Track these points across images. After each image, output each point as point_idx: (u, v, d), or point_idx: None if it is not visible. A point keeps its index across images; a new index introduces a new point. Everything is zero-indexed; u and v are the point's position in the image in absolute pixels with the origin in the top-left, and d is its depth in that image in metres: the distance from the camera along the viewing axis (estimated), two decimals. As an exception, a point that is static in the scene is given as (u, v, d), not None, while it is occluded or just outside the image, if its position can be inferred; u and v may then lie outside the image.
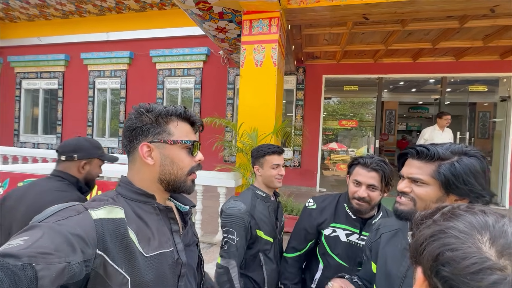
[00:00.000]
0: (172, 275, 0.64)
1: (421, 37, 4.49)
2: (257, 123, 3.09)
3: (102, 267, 0.53)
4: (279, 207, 1.43)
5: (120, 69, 7.21)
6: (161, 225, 0.67)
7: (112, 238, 0.55)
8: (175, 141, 0.68)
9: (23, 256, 0.40)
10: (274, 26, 3.11)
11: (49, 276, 0.42)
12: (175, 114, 0.69)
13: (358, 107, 8.89)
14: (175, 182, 0.69)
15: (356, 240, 1.20)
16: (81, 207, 0.56)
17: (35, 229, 0.47)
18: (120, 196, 0.65)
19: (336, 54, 5.47)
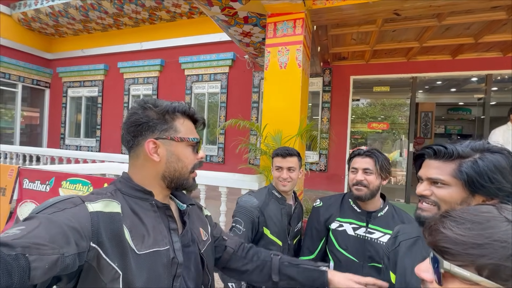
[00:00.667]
0: (166, 274, 0.62)
1: (460, 31, 4.13)
2: (281, 126, 3.06)
3: (95, 260, 0.53)
4: (294, 212, 1.39)
5: (152, 76, 7.64)
6: (158, 222, 0.66)
7: (106, 232, 0.55)
8: (182, 139, 0.68)
9: (17, 246, 0.40)
10: (299, 27, 3.07)
11: (42, 267, 0.42)
12: (181, 111, 0.69)
13: (390, 109, 8.42)
14: (179, 179, 0.69)
15: (364, 234, 1.20)
16: (78, 200, 0.56)
17: (32, 220, 0.47)
18: (119, 192, 0.64)
19: (365, 54, 5.24)
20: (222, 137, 6.79)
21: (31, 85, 8.90)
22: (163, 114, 0.67)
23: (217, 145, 6.89)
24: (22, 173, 4.00)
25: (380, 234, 1.17)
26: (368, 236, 1.19)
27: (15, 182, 4.04)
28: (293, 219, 1.37)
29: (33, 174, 3.94)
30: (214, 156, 6.91)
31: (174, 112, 0.68)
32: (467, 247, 0.34)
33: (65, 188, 3.73)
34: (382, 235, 1.16)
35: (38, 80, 9.07)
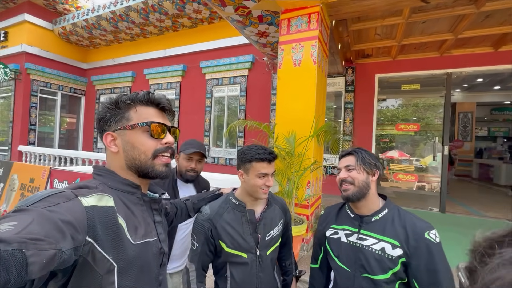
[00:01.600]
0: (155, 263, 0.67)
1: (504, 18, 3.64)
2: (295, 126, 2.89)
3: (90, 254, 0.54)
4: (263, 218, 1.18)
5: (175, 81, 7.87)
6: (146, 215, 0.69)
7: (101, 226, 0.56)
8: (133, 126, 0.67)
9: (13, 241, 0.39)
10: (314, 22, 2.90)
11: (39, 262, 0.41)
12: (135, 99, 0.69)
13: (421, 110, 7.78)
14: (142, 167, 0.68)
15: (356, 240, 1.07)
16: (71, 194, 0.55)
17: (24, 214, 0.46)
18: (105, 186, 0.65)
19: (391, 50, 4.88)
20: (242, 140, 6.74)
21: (69, 93, 9.66)
22: (115, 105, 0.68)
23: (237, 148, 6.85)
24: (53, 174, 4.26)
25: (373, 240, 1.02)
26: (360, 243, 1.05)
27: (46, 182, 4.31)
28: (262, 227, 1.17)
29: (62, 174, 4.17)
30: (234, 159, 6.87)
31: (125, 101, 0.68)
32: None
33: (88, 188, 3.85)
34: (376, 242, 1.01)
35: (75, 88, 9.82)
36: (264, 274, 1.18)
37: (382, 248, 0.99)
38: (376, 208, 1.08)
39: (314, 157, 2.92)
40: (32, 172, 4.41)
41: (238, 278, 1.13)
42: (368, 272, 1.00)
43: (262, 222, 1.18)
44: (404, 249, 0.96)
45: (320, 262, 1.24)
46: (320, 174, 3.34)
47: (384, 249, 0.98)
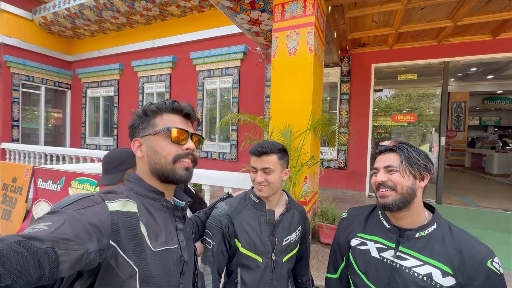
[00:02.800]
0: (175, 271, 0.68)
1: (505, 4, 3.51)
2: (291, 119, 2.74)
3: (113, 258, 0.55)
4: (282, 221, 1.09)
5: (165, 73, 7.57)
6: (168, 222, 0.71)
7: (125, 231, 0.57)
8: (156, 132, 0.70)
9: (47, 240, 0.42)
10: (310, 7, 2.71)
11: (69, 261, 0.44)
12: (161, 107, 0.72)
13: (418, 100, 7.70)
14: (163, 172, 0.70)
15: (391, 258, 0.87)
16: (98, 198, 0.58)
17: (57, 215, 0.50)
18: (132, 191, 0.67)
19: (388, 38, 4.72)
20: (235, 133, 6.56)
21: (53, 87, 9.23)
22: (144, 114, 0.72)
23: (230, 142, 6.68)
24: (36, 172, 4.02)
25: (416, 262, 0.83)
26: (398, 262, 0.85)
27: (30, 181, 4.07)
28: (280, 230, 1.08)
29: (46, 173, 3.94)
30: (227, 153, 6.71)
31: (152, 109, 0.72)
32: None
33: (74, 187, 3.67)
34: (420, 265, 0.82)
35: (60, 82, 9.39)
36: (278, 283, 1.08)
37: (429, 273, 0.80)
38: (422, 221, 0.88)
39: (311, 152, 2.78)
40: (14, 171, 4.17)
41: (250, 284, 1.04)
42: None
43: (280, 225, 1.09)
44: (458, 279, 0.77)
45: (340, 273, 1.05)
46: (317, 169, 3.21)
47: (431, 275, 0.80)
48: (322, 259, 2.60)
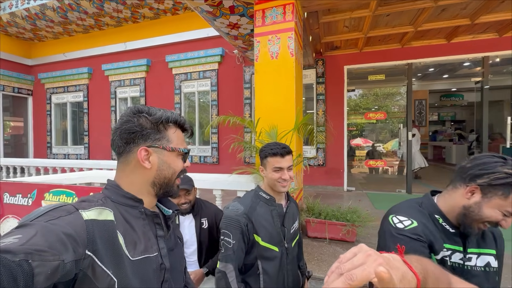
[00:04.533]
0: (156, 279, 0.66)
1: (457, 12, 3.97)
2: (276, 120, 2.85)
3: (90, 268, 0.53)
4: (287, 212, 1.26)
5: (139, 77, 7.34)
6: (147, 230, 0.68)
7: (101, 240, 0.56)
8: (174, 149, 0.70)
9: (19, 252, 0.41)
10: (289, 13, 2.85)
11: (45, 273, 0.43)
12: (174, 121, 0.72)
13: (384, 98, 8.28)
14: (167, 186, 0.71)
15: (460, 261, 0.87)
16: (71, 208, 0.56)
17: (28, 228, 0.47)
18: (109, 199, 0.65)
19: (358, 42, 5.06)
20: (216, 136, 6.56)
21: (12, 93, 8.48)
22: (157, 123, 0.69)
23: (211, 145, 6.66)
24: (1, 187, 3.71)
25: (475, 256, 0.88)
26: (468, 264, 0.87)
27: (-5, 197, 3.74)
28: (287, 220, 1.25)
29: (13, 187, 3.64)
30: (208, 156, 6.67)
31: (168, 122, 0.70)
32: None
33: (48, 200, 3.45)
34: (477, 257, 0.88)
35: (20, 88, 8.65)
36: (291, 267, 1.24)
37: (487, 263, 0.85)
38: None
39: (297, 151, 2.92)
40: (-26, 187, 3.80)
41: (271, 272, 1.16)
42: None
43: (287, 216, 1.25)
44: (498, 255, 0.86)
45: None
46: (301, 167, 3.36)
47: (490, 263, 0.84)
48: (311, 251, 2.75)
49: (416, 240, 0.86)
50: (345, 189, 5.63)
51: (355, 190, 5.58)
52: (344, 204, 3.49)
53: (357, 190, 5.57)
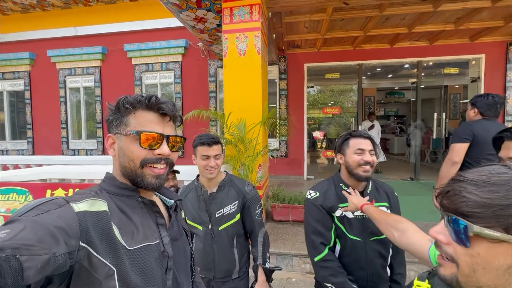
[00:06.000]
0: (159, 267, 0.65)
1: (397, 22, 4.59)
2: (244, 114, 3.04)
3: (86, 259, 0.53)
4: (216, 198, 1.40)
5: (93, 66, 6.81)
6: (146, 218, 0.67)
7: (95, 231, 0.55)
8: (126, 133, 0.65)
9: (6, 248, 0.40)
10: (256, 14, 3.03)
11: (35, 267, 0.42)
12: (135, 102, 0.65)
13: (339, 95, 9.03)
14: (132, 176, 0.66)
15: (360, 213, 1.21)
16: (62, 201, 0.55)
17: (16, 223, 0.46)
18: (104, 191, 0.65)
19: (317, 42, 5.48)
20: (179, 129, 6.48)
21: None
22: (117, 108, 0.66)
23: (175, 138, 6.56)
24: None
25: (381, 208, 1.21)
26: (365, 215, 1.18)
27: None
28: (213, 205, 1.40)
29: None
30: (173, 150, 6.58)
31: (126, 104, 0.65)
32: (495, 209, 0.35)
33: (-6, 199, 3.19)
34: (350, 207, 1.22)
35: None
36: (218, 246, 1.41)
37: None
38: (366, 182, 1.28)
39: (263, 142, 3.17)
40: None
41: (197, 246, 1.41)
42: (376, 235, 1.19)
43: (213, 202, 1.41)
44: (390, 206, 1.26)
45: (332, 243, 1.25)
46: (267, 158, 3.63)
47: (384, 210, 1.17)
48: (277, 233, 3.05)
49: (315, 206, 1.27)
50: (305, 178, 6.12)
51: (314, 179, 6.10)
52: (305, 190, 3.88)
53: (315, 179, 6.10)
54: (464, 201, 0.37)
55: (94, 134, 7.06)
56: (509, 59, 5.33)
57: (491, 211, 0.35)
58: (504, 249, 0.35)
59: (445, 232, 0.41)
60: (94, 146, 7.00)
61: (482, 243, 0.36)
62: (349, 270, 1.22)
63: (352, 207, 1.15)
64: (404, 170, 6.70)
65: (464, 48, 5.46)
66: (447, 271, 0.41)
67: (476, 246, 0.37)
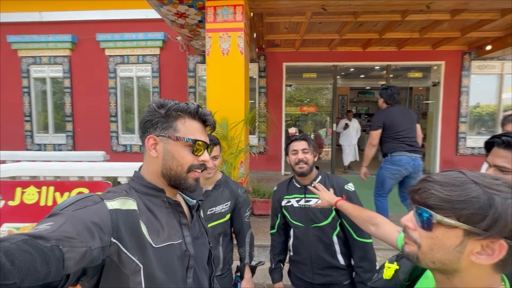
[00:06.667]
0: (181, 266, 0.68)
1: (370, 28, 4.91)
2: (226, 113, 3.12)
3: (116, 255, 0.57)
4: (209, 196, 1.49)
5: (61, 55, 6.38)
6: (171, 218, 0.71)
7: (125, 228, 0.59)
8: (178, 138, 0.69)
9: (51, 238, 0.44)
10: (239, 14, 3.10)
11: (74, 258, 0.46)
12: (185, 111, 0.71)
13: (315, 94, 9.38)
14: (176, 178, 0.71)
15: (304, 203, 1.45)
16: (97, 198, 0.59)
17: (58, 216, 0.51)
18: (133, 190, 0.68)
19: (296, 42, 5.66)
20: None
21: None
22: (166, 112, 0.70)
23: (152, 133, 6.43)
24: None
25: (315, 200, 1.38)
26: (307, 204, 1.44)
27: None
28: (206, 202, 1.46)
29: None
30: (150, 145, 6.44)
31: (177, 111, 0.70)
32: (453, 203, 0.46)
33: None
34: (317, 200, 1.36)
35: None
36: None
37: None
38: (313, 177, 1.47)
39: (245, 140, 3.28)
40: None
41: None
42: (316, 222, 1.40)
43: (207, 199, 1.47)
44: None
45: (277, 227, 1.59)
46: (248, 155, 3.76)
47: None
48: (258, 226, 3.21)
49: (273, 196, 1.61)
50: (282, 173, 6.36)
51: (291, 174, 6.34)
52: (283, 185, 4.07)
53: (292, 174, 6.36)
54: (431, 197, 0.49)
55: (63, 128, 6.65)
56: (464, 66, 5.95)
57: (450, 205, 0.46)
58: (455, 233, 0.47)
59: (413, 220, 0.53)
60: (63, 140, 6.61)
61: (440, 228, 0.48)
62: (297, 249, 1.49)
63: (325, 203, 1.25)
64: (373, 166, 7.20)
65: (427, 55, 5.98)
66: (410, 249, 0.54)
67: (436, 231, 0.49)
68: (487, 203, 0.44)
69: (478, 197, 0.45)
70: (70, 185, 2.95)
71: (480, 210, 0.45)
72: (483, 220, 0.44)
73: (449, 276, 0.51)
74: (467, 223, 0.46)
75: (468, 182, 0.48)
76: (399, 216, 0.60)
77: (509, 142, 0.75)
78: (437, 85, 6.20)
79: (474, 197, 0.45)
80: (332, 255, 1.41)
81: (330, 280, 1.41)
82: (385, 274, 0.69)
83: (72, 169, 3.05)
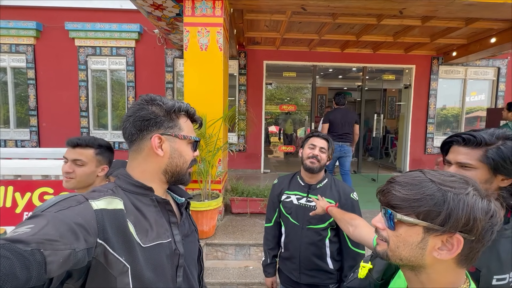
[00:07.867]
0: (170, 265, 0.67)
1: (347, 30, 5.04)
2: (205, 109, 3.05)
3: (102, 256, 0.55)
4: None
5: (24, 43, 5.88)
6: (159, 216, 0.69)
7: (112, 228, 0.57)
8: (185, 137, 0.73)
9: (31, 242, 0.42)
10: (218, 9, 3.03)
11: (57, 262, 0.44)
12: (185, 111, 0.74)
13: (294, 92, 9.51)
14: (179, 174, 0.74)
15: (305, 202, 1.43)
16: (81, 198, 0.57)
17: (39, 218, 0.48)
18: (119, 188, 0.66)
19: (276, 41, 5.67)
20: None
21: None
22: (170, 111, 0.71)
23: (127, 130, 6.14)
24: None
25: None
26: (308, 204, 1.41)
27: None
28: None
29: None
30: (123, 142, 6.15)
31: (180, 111, 0.73)
32: (411, 202, 0.48)
33: None
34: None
35: None
36: None
37: None
38: (320, 178, 1.45)
39: (224, 138, 3.23)
40: None
41: None
42: (312, 224, 1.39)
43: None
44: (340, 204, 1.36)
45: (274, 221, 1.57)
46: (227, 153, 3.71)
47: None
48: (236, 225, 3.18)
49: (272, 189, 1.60)
50: (262, 172, 6.38)
51: (270, 172, 6.40)
52: (261, 183, 4.08)
53: (271, 172, 6.41)
54: (393, 197, 0.51)
55: (26, 123, 6.15)
56: (433, 70, 6.32)
57: (408, 203, 0.48)
58: (416, 230, 0.49)
59: (382, 220, 0.55)
60: (27, 136, 6.12)
61: (402, 226, 0.50)
62: (287, 246, 1.48)
63: (319, 210, 1.28)
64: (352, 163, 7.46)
65: (400, 58, 6.27)
66: (381, 248, 0.56)
67: (399, 229, 0.51)
68: (441, 199, 0.46)
69: (433, 194, 0.47)
70: (33, 184, 2.73)
71: (435, 207, 0.46)
72: (438, 215, 0.46)
73: (417, 272, 0.53)
74: (425, 220, 0.47)
75: (425, 180, 0.50)
76: (372, 213, 0.61)
77: (469, 139, 0.78)
78: (408, 88, 6.53)
79: (429, 195, 0.47)
80: (321, 258, 1.40)
81: (317, 281, 1.40)
82: (360, 274, 0.71)
83: (35, 167, 2.83)
